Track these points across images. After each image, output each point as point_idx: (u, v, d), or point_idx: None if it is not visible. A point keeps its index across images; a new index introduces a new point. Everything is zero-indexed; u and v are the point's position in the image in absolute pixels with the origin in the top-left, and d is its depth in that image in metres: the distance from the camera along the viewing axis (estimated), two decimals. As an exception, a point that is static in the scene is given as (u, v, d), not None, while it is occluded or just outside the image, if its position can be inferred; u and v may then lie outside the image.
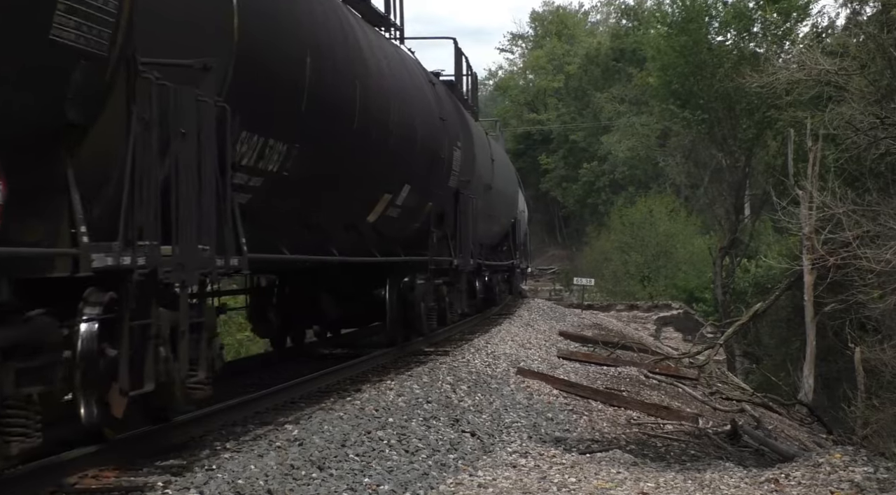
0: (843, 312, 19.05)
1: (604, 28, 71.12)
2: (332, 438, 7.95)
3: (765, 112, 30.37)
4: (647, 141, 47.32)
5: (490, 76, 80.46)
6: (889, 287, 15.16)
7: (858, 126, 17.08)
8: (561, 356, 17.88)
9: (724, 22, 32.92)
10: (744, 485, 7.89)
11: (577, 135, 60.27)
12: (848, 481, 7.87)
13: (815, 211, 18.27)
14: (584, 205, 59.44)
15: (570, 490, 7.67)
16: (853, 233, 15.83)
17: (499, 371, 13.82)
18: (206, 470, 6.61)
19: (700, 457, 10.64)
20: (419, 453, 8.27)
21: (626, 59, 57.48)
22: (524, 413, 11.35)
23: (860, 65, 17.61)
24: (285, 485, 6.50)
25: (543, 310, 27.06)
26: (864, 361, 17.42)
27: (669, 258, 41.85)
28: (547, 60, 67.68)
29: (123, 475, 6.44)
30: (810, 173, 20.32)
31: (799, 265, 21.92)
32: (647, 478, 8.19)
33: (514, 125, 65.48)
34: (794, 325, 25.30)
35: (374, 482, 7.07)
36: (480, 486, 7.61)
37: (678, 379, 17.43)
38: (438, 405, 10.34)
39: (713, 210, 39.57)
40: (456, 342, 16.64)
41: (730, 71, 30.34)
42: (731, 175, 34.52)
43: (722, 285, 33.34)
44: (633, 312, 34.14)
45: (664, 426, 12.43)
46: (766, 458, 11.35)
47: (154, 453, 7.00)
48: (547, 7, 74.57)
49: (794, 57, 23.75)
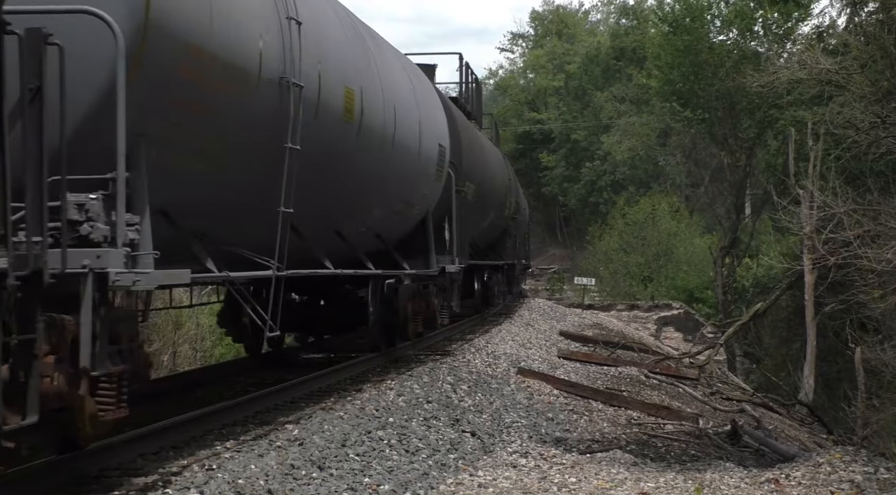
0: (843, 312, 19.03)
1: (604, 27, 71.05)
2: (332, 438, 7.94)
3: (766, 111, 30.36)
4: (648, 140, 47.30)
5: (490, 75, 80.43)
6: (890, 287, 15.14)
7: (859, 125, 17.06)
8: (561, 356, 17.88)
9: (725, 21, 32.90)
10: (744, 485, 7.89)
11: (578, 135, 60.24)
12: (848, 481, 7.87)
13: (815, 210, 18.27)
14: (586, 205, 59.41)
15: (570, 490, 7.67)
16: (854, 233, 15.81)
17: (499, 371, 13.82)
18: (207, 469, 6.62)
19: (700, 457, 10.64)
20: (419, 453, 8.27)
21: (627, 58, 57.45)
22: (524, 413, 11.35)
23: (861, 64, 17.59)
24: (285, 485, 6.50)
25: (544, 310, 27.06)
26: (865, 361, 17.40)
27: (670, 258, 41.83)
28: (547, 60, 67.62)
29: (124, 475, 6.45)
30: (811, 172, 20.30)
31: (799, 265, 21.91)
32: (648, 478, 8.19)
33: (515, 124, 65.43)
34: (795, 325, 25.28)
35: (375, 482, 7.06)
36: (481, 486, 7.60)
37: (678, 379, 17.43)
38: (439, 405, 10.34)
39: (714, 209, 39.57)
40: (456, 342, 16.62)
41: (731, 70, 30.33)
42: (732, 174, 34.50)
43: (722, 285, 33.33)
44: (634, 312, 34.10)
45: (664, 426, 12.44)
46: (766, 458, 11.36)
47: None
48: (547, 6, 74.55)
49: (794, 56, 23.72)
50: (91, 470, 6.42)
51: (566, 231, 65.18)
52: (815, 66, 18.11)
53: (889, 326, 17.47)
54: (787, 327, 26.89)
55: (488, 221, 21.28)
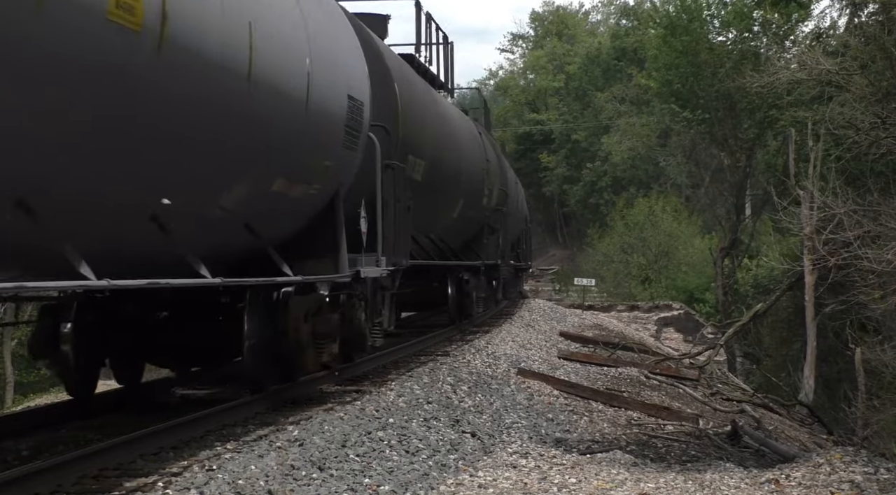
0: (843, 313, 19.04)
1: (604, 28, 71.12)
2: (332, 438, 7.94)
3: (766, 112, 30.38)
4: (648, 141, 47.32)
5: (491, 76, 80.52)
6: (890, 287, 15.15)
7: (859, 126, 17.08)
8: (561, 356, 17.88)
9: (724, 22, 32.92)
10: (744, 486, 7.89)
11: (578, 135, 60.30)
12: (848, 482, 7.87)
13: (815, 211, 18.28)
14: (586, 206, 59.46)
15: (570, 490, 7.67)
16: (854, 234, 15.82)
17: (499, 371, 13.82)
18: (207, 470, 6.62)
19: (700, 458, 10.64)
20: (420, 453, 8.27)
21: (627, 58, 57.49)
22: (525, 413, 11.35)
23: (861, 65, 17.60)
24: (286, 486, 6.50)
25: (544, 311, 27.05)
26: (865, 362, 17.41)
27: (671, 258, 41.87)
28: (547, 60, 67.71)
29: (124, 475, 6.45)
30: (811, 173, 20.31)
31: (800, 265, 21.92)
32: (648, 479, 8.19)
33: (515, 125, 65.50)
34: (795, 326, 25.30)
35: (375, 482, 7.06)
36: (481, 487, 7.61)
37: (679, 379, 17.43)
38: (439, 405, 10.34)
39: (714, 210, 39.58)
40: (456, 343, 16.63)
41: (730, 71, 30.34)
42: (732, 175, 34.52)
43: (723, 286, 33.34)
44: (634, 313, 34.12)
45: (665, 426, 12.44)
46: (766, 459, 11.35)
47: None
48: (547, 7, 74.63)
49: (794, 57, 23.74)
50: (90, 470, 6.43)
51: (566, 231, 65.23)
52: (816, 66, 18.14)
53: (889, 327, 17.48)
54: (787, 328, 26.90)
55: (456, 212, 16.97)
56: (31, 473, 5.94)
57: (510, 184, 25.03)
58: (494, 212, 21.11)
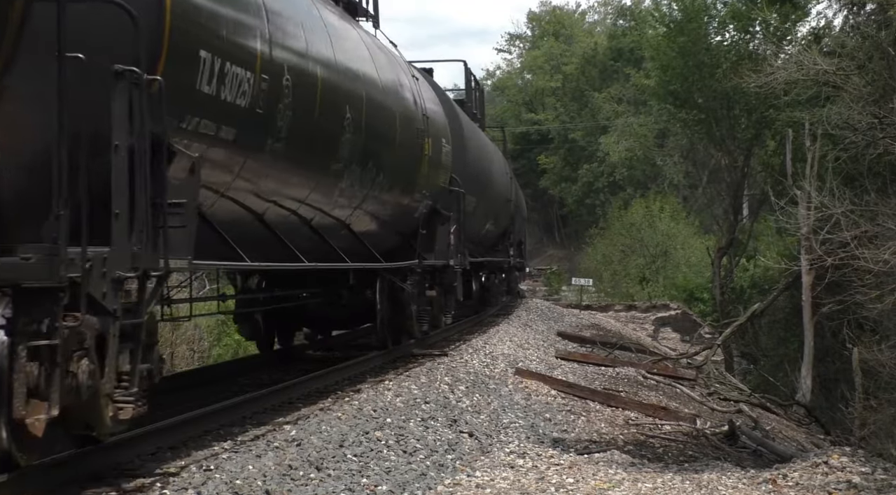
0: (841, 313, 19.05)
1: (601, 28, 71.11)
2: (329, 438, 7.94)
3: (763, 112, 30.34)
4: (645, 141, 47.29)
5: (488, 76, 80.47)
6: (887, 287, 15.16)
7: (857, 126, 17.06)
8: (559, 356, 17.88)
9: (722, 22, 32.91)
10: (741, 486, 7.90)
11: (576, 135, 60.30)
12: (845, 482, 7.88)
13: (813, 211, 18.26)
14: (583, 206, 59.47)
15: (567, 490, 7.67)
16: (851, 234, 15.81)
17: (497, 371, 13.81)
18: (204, 470, 6.62)
19: (698, 458, 10.65)
20: (417, 453, 8.27)
21: (624, 58, 57.49)
22: (522, 413, 11.34)
23: (858, 65, 17.60)
24: (283, 486, 6.50)
25: (541, 311, 27.05)
26: (862, 362, 17.43)
27: (669, 259, 41.87)
28: (545, 60, 67.70)
29: (122, 475, 6.44)
30: (808, 173, 20.31)
31: (797, 265, 21.92)
32: (645, 479, 8.19)
33: (513, 125, 65.50)
34: (792, 326, 25.29)
35: (372, 482, 7.07)
36: (478, 487, 7.60)
37: (676, 379, 17.43)
38: (436, 405, 10.34)
39: (712, 210, 39.56)
40: (454, 342, 16.63)
41: (728, 71, 30.32)
42: (730, 175, 34.48)
43: (720, 285, 33.33)
44: (632, 312, 34.11)
45: (662, 426, 12.44)
46: (763, 459, 11.36)
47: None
48: (544, 7, 74.60)
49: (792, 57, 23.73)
50: (88, 470, 6.42)
51: (564, 232, 65.21)
52: (813, 66, 18.12)
53: (886, 327, 17.50)
54: (784, 327, 26.90)
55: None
56: (30, 473, 5.93)
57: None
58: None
